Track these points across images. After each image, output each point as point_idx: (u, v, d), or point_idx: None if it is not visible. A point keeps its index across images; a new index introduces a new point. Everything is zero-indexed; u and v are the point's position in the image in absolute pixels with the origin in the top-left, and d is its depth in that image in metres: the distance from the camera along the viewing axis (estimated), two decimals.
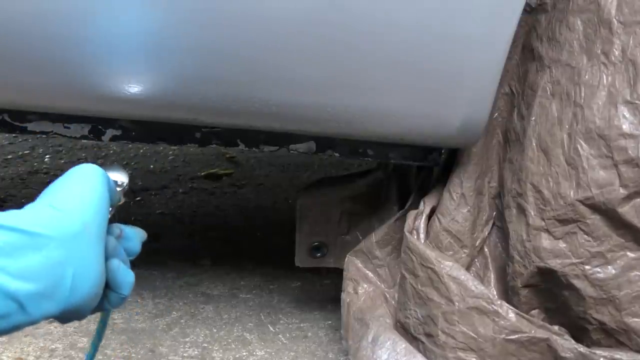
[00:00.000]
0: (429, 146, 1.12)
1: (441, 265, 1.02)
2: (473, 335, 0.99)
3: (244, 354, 1.24)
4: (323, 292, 1.48)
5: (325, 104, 0.97)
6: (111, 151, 2.31)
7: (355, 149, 1.11)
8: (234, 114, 0.99)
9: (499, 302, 0.99)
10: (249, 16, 0.88)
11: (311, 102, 0.97)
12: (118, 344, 1.24)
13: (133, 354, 1.22)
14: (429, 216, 1.11)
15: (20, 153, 2.27)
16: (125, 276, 0.62)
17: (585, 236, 0.96)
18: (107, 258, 0.59)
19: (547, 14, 1.03)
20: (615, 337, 0.97)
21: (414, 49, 0.92)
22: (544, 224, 0.99)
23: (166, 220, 1.81)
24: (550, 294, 1.03)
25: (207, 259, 1.59)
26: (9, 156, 2.24)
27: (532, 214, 1.00)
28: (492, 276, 1.10)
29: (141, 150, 2.33)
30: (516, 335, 0.98)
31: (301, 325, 1.35)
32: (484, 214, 1.11)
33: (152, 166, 2.21)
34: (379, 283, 1.20)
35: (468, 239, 1.08)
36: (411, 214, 1.12)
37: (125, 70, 0.92)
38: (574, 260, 0.97)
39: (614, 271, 0.96)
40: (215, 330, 1.32)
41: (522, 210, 1.01)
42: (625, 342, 0.97)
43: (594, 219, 0.95)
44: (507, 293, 1.07)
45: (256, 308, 1.40)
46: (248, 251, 1.65)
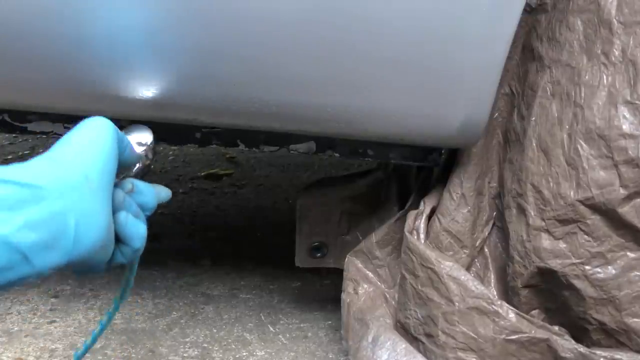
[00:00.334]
0: (429, 146, 1.11)
1: (441, 266, 1.02)
2: (473, 335, 0.99)
3: (244, 354, 1.24)
4: (323, 293, 1.48)
5: (325, 104, 0.97)
6: None
7: (355, 149, 1.11)
8: (234, 114, 0.99)
9: (499, 303, 0.99)
10: (248, 16, 0.88)
11: (311, 102, 0.97)
12: (118, 344, 1.24)
13: (133, 354, 1.22)
14: (429, 216, 1.11)
15: (20, 153, 2.27)
16: (136, 228, 0.62)
17: (586, 236, 0.96)
18: (115, 211, 0.60)
19: (547, 14, 1.03)
20: (615, 338, 0.97)
21: (413, 49, 0.92)
22: (544, 224, 0.99)
23: (166, 220, 1.81)
24: (551, 294, 1.03)
25: (207, 259, 1.59)
26: (9, 156, 2.24)
27: (532, 214, 1.00)
28: (492, 276, 1.10)
29: None
30: (516, 336, 0.98)
31: (301, 325, 1.35)
32: (484, 214, 1.11)
33: (152, 166, 2.21)
34: (379, 283, 1.20)
35: (468, 239, 1.08)
36: (411, 214, 1.12)
37: (125, 71, 0.92)
38: (574, 261, 0.97)
39: (614, 271, 0.96)
40: (215, 330, 1.32)
41: (522, 211, 1.01)
42: (626, 343, 0.97)
43: (594, 219, 0.95)
44: (507, 293, 1.07)
45: (256, 308, 1.40)
46: (248, 251, 1.65)
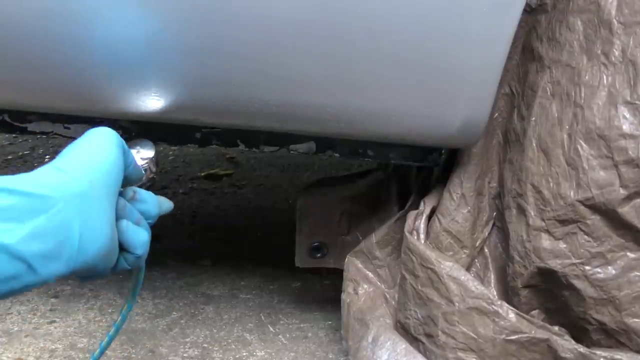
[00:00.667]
0: (429, 146, 1.11)
1: (441, 266, 1.02)
2: (473, 335, 0.99)
3: (244, 354, 1.24)
4: (323, 293, 1.48)
5: (325, 104, 0.97)
6: None
7: (355, 150, 1.11)
8: (234, 114, 0.99)
9: (499, 303, 0.99)
10: (248, 16, 0.88)
11: (311, 102, 0.97)
12: (118, 344, 1.24)
13: (133, 355, 1.22)
14: (429, 216, 1.11)
15: (20, 153, 2.27)
16: (137, 235, 0.63)
17: (586, 236, 0.96)
18: (117, 219, 0.60)
19: (547, 14, 1.03)
20: (615, 338, 0.97)
21: (414, 49, 0.92)
22: (544, 224, 0.99)
23: (166, 220, 1.81)
24: (551, 295, 1.03)
25: (207, 259, 1.59)
26: (9, 157, 2.24)
27: (532, 214, 1.00)
28: (492, 276, 1.10)
29: None
30: (516, 336, 0.98)
31: (301, 325, 1.35)
32: (484, 214, 1.11)
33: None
34: (379, 283, 1.20)
35: (468, 240, 1.08)
36: (411, 215, 1.12)
37: (125, 71, 0.92)
38: (574, 261, 0.97)
39: (614, 271, 0.96)
40: (215, 330, 1.32)
41: (522, 211, 1.01)
42: (626, 343, 0.97)
43: (594, 220, 0.95)
44: (507, 293, 1.07)
45: (256, 308, 1.40)
46: (248, 251, 1.65)
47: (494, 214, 1.11)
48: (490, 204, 1.11)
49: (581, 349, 0.95)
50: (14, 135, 2.26)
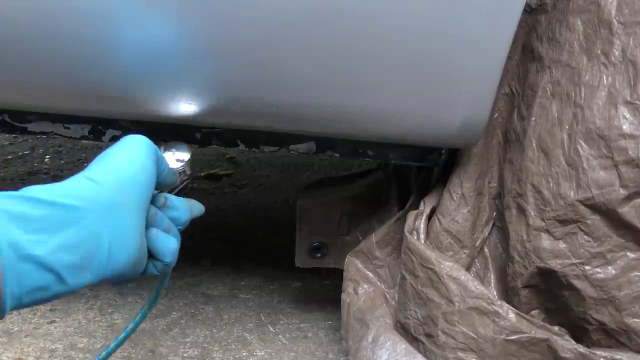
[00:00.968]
0: (429, 146, 1.11)
1: (441, 266, 1.02)
2: (473, 335, 0.99)
3: (244, 354, 1.24)
4: (323, 293, 1.48)
5: (326, 105, 0.97)
6: None
7: (356, 150, 1.11)
8: (234, 114, 0.99)
9: (499, 303, 0.99)
10: (249, 16, 0.88)
11: (311, 103, 0.97)
12: None
13: (133, 354, 1.22)
14: (429, 216, 1.11)
15: (20, 153, 2.27)
16: (166, 244, 0.63)
17: (586, 236, 0.96)
18: (147, 227, 0.60)
19: (547, 15, 1.03)
20: (615, 338, 0.97)
21: (414, 49, 0.92)
22: (544, 224, 0.99)
23: None
24: (551, 295, 1.03)
25: (207, 259, 1.59)
26: (9, 157, 2.24)
27: (532, 214, 1.00)
28: (492, 276, 1.10)
29: None
30: (516, 336, 0.98)
31: (301, 325, 1.35)
32: (484, 214, 1.11)
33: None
34: (379, 283, 1.20)
35: (468, 240, 1.08)
36: (411, 215, 1.12)
37: (125, 71, 0.92)
38: (574, 261, 0.97)
39: (614, 271, 0.96)
40: (215, 330, 1.32)
41: (522, 211, 1.01)
42: (626, 343, 0.97)
43: (594, 220, 0.95)
44: (507, 293, 1.07)
45: (256, 308, 1.40)
46: (248, 251, 1.65)
47: (494, 214, 1.11)
48: (490, 204, 1.11)
49: (581, 349, 0.95)
50: (14, 135, 2.26)
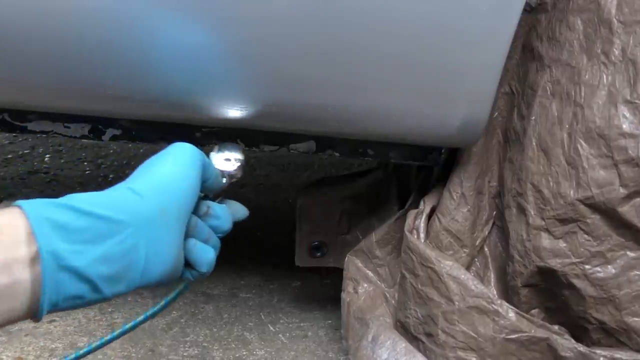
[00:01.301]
0: (429, 146, 1.11)
1: (441, 265, 1.02)
2: (473, 334, 0.99)
3: (244, 353, 1.24)
4: (323, 292, 1.48)
5: (326, 104, 0.97)
6: (111, 151, 2.31)
7: (356, 149, 1.11)
8: (234, 113, 0.99)
9: (499, 302, 0.99)
10: (248, 16, 0.88)
11: (312, 102, 0.97)
12: (118, 343, 1.24)
13: (133, 354, 1.22)
14: (429, 216, 1.11)
15: (20, 152, 2.27)
16: (204, 254, 0.62)
17: (585, 236, 0.96)
18: (186, 236, 0.60)
19: (547, 14, 1.03)
20: (615, 337, 0.97)
21: (414, 48, 0.92)
22: (544, 223, 0.99)
23: None
24: (550, 294, 1.03)
25: None
26: (9, 155, 2.24)
27: (532, 213, 1.00)
28: (492, 276, 1.10)
29: (141, 150, 2.33)
30: (516, 335, 0.98)
31: (301, 324, 1.35)
32: (484, 213, 1.11)
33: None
34: (379, 282, 1.20)
35: (468, 239, 1.08)
36: (411, 214, 1.12)
37: (124, 70, 0.92)
38: (574, 260, 0.97)
39: (614, 271, 0.96)
40: (215, 329, 1.32)
41: (522, 210, 1.01)
42: (625, 342, 0.97)
43: (594, 219, 0.95)
44: (507, 292, 1.07)
45: (256, 307, 1.40)
46: (248, 251, 1.65)
47: (494, 213, 1.11)
48: (490, 203, 1.11)
49: (581, 348, 0.95)
50: (14, 134, 2.26)
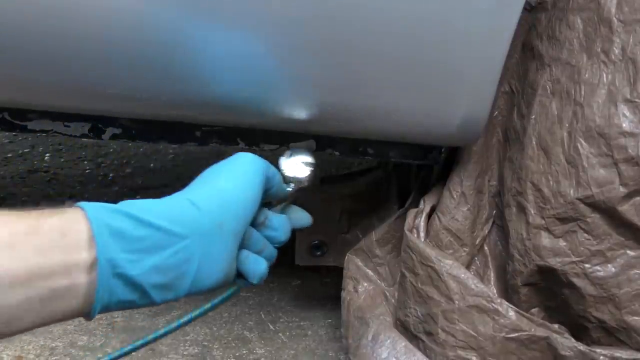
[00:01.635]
0: (429, 145, 1.12)
1: (441, 264, 1.02)
2: (473, 333, 0.99)
3: (244, 352, 1.24)
4: (323, 291, 1.48)
5: (326, 103, 0.97)
6: (111, 150, 2.31)
7: (356, 148, 1.11)
8: (234, 113, 0.98)
9: (498, 301, 0.99)
10: (248, 14, 0.88)
11: (312, 101, 0.97)
12: (118, 342, 1.25)
13: (133, 353, 1.22)
14: (429, 215, 1.11)
15: (20, 151, 2.27)
16: (256, 266, 0.63)
17: (585, 235, 0.96)
18: (241, 247, 0.61)
19: (547, 13, 1.03)
20: (615, 336, 0.97)
21: (414, 47, 0.92)
22: (543, 222, 0.99)
23: None
24: (550, 293, 1.03)
25: None
26: (9, 154, 2.24)
27: (532, 212, 1.00)
28: (492, 275, 1.10)
29: (141, 149, 2.33)
30: (516, 334, 0.98)
31: (301, 323, 1.35)
32: (484, 212, 1.11)
33: (152, 165, 2.21)
34: (379, 281, 1.20)
35: (468, 238, 1.08)
36: (411, 213, 1.12)
37: (124, 69, 0.92)
38: (574, 259, 0.97)
39: (613, 269, 0.96)
40: (215, 328, 1.32)
41: (522, 209, 1.01)
42: (625, 341, 0.97)
43: (594, 218, 0.95)
44: (507, 291, 1.07)
45: (256, 307, 1.40)
46: None
47: (494, 212, 1.12)
48: (490, 202, 1.11)
49: (581, 347, 0.95)
50: (14, 133, 2.26)
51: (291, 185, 0.74)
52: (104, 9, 0.86)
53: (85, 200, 0.52)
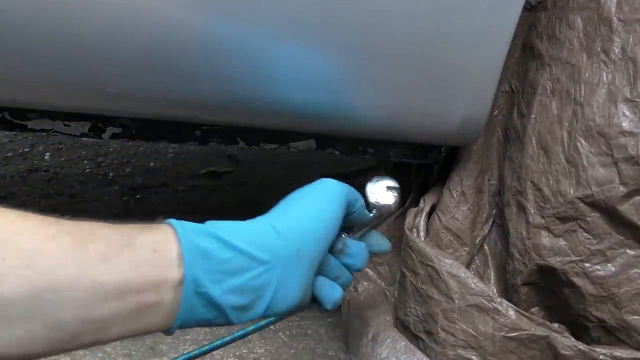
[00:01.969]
0: (429, 144, 1.12)
1: (441, 263, 1.02)
2: (473, 332, 0.99)
3: (244, 351, 1.25)
4: None
5: (326, 102, 0.97)
6: (111, 149, 2.31)
7: (356, 147, 1.11)
8: (234, 112, 0.99)
9: (498, 300, 0.99)
10: (248, 13, 0.88)
11: (312, 100, 0.97)
12: (118, 342, 1.24)
13: (134, 352, 1.23)
14: (429, 214, 1.11)
15: (20, 151, 2.27)
16: (331, 292, 0.65)
17: (585, 234, 0.96)
18: (318, 273, 0.63)
19: (547, 12, 1.03)
20: (615, 335, 0.98)
21: (414, 47, 0.92)
22: (543, 221, 0.99)
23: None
24: (550, 292, 1.03)
25: None
26: (9, 154, 2.24)
27: (532, 211, 1.00)
28: (492, 274, 1.10)
29: (141, 149, 2.33)
30: (516, 333, 0.98)
31: (301, 323, 1.35)
32: (484, 211, 1.11)
33: (152, 164, 2.21)
34: (379, 281, 1.20)
35: (468, 237, 1.08)
36: (411, 212, 1.12)
37: (124, 69, 0.92)
38: (574, 258, 0.97)
39: (613, 269, 0.96)
40: (215, 328, 1.32)
41: (522, 208, 1.01)
42: (625, 340, 0.97)
43: (594, 217, 0.95)
44: (507, 291, 1.07)
45: None
46: None
47: (494, 211, 1.12)
48: (490, 202, 1.11)
49: (581, 346, 0.95)
50: (14, 132, 2.26)
51: (373, 211, 0.75)
52: (104, 8, 0.86)
53: (85, 200, 0.52)
